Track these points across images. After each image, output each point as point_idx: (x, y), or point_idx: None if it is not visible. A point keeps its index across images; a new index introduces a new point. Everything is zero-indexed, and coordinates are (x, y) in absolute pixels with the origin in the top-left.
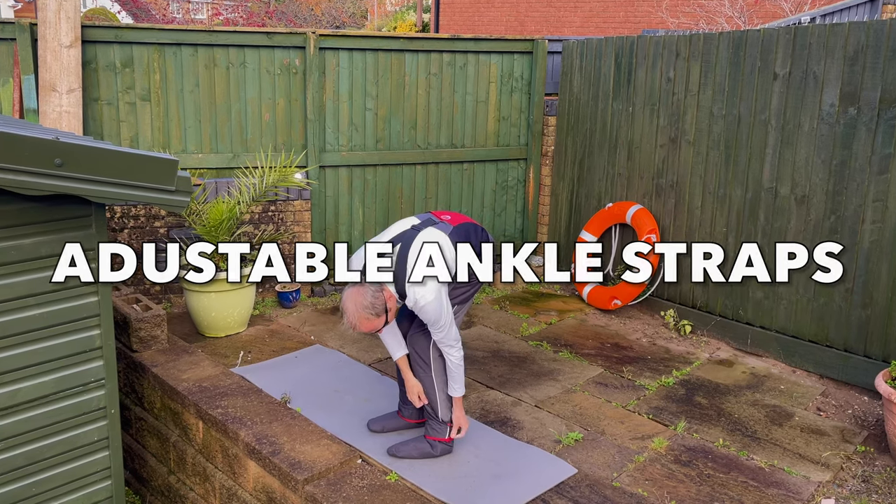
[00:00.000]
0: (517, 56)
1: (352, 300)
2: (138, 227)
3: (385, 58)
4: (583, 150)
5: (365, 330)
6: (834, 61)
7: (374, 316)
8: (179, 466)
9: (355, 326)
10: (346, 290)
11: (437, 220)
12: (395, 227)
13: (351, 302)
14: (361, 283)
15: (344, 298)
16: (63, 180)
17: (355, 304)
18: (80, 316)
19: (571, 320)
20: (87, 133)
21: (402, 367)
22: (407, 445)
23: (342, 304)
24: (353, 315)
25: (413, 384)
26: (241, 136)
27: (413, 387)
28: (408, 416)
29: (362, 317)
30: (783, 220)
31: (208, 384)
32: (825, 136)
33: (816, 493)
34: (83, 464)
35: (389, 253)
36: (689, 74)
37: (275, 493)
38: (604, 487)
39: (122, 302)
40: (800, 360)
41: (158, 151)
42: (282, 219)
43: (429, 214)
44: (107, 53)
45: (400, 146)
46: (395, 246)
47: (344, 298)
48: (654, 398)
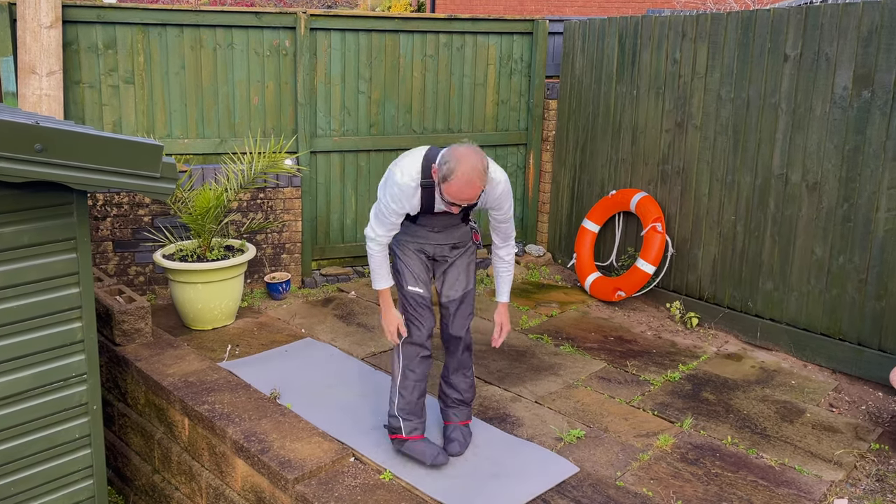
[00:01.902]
0: (517, 37)
1: (472, 152)
2: (121, 216)
3: (379, 39)
4: (585, 134)
5: (468, 196)
6: (847, 42)
7: (483, 184)
8: (164, 465)
9: (469, 184)
10: (459, 146)
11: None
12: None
13: (472, 153)
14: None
15: (455, 150)
16: (43, 166)
17: (477, 160)
18: (61, 308)
19: (573, 312)
20: (69, 117)
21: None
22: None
23: (449, 156)
24: (471, 171)
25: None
26: (228, 120)
27: (393, 319)
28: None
29: (480, 178)
30: (794, 208)
31: (194, 379)
32: (838, 121)
33: (829, 493)
34: (64, 462)
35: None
36: (695, 56)
37: (264, 493)
38: (607, 487)
39: (104, 293)
40: (811, 353)
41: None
42: (271, 207)
43: None
44: (89, 34)
45: (394, 131)
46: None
47: (455, 150)
48: (660, 394)
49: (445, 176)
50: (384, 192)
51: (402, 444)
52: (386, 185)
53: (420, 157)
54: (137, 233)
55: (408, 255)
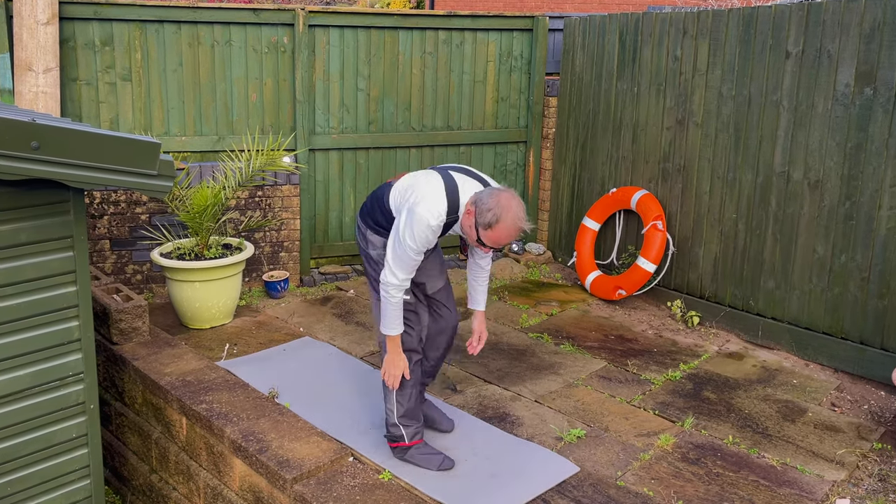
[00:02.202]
0: (516, 34)
1: (515, 201)
2: (119, 214)
3: (378, 35)
4: (585, 132)
5: (508, 242)
6: (849, 39)
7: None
8: (162, 465)
9: (512, 233)
10: (501, 192)
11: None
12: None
13: (515, 202)
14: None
15: (499, 198)
16: (40, 164)
17: (520, 208)
18: (58, 306)
19: (573, 311)
20: (65, 114)
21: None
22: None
23: (494, 204)
24: (515, 220)
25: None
26: (226, 117)
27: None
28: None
29: (522, 226)
30: (796, 206)
31: (192, 378)
32: (840, 118)
33: (831, 493)
34: (61, 462)
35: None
36: (696, 53)
37: (262, 493)
38: (608, 487)
39: (101, 292)
40: (813, 352)
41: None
42: (269, 205)
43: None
44: (86, 31)
45: (393, 128)
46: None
47: (499, 198)
48: (661, 393)
49: (490, 223)
50: (405, 234)
51: (406, 453)
52: (408, 228)
53: (441, 193)
54: (135, 231)
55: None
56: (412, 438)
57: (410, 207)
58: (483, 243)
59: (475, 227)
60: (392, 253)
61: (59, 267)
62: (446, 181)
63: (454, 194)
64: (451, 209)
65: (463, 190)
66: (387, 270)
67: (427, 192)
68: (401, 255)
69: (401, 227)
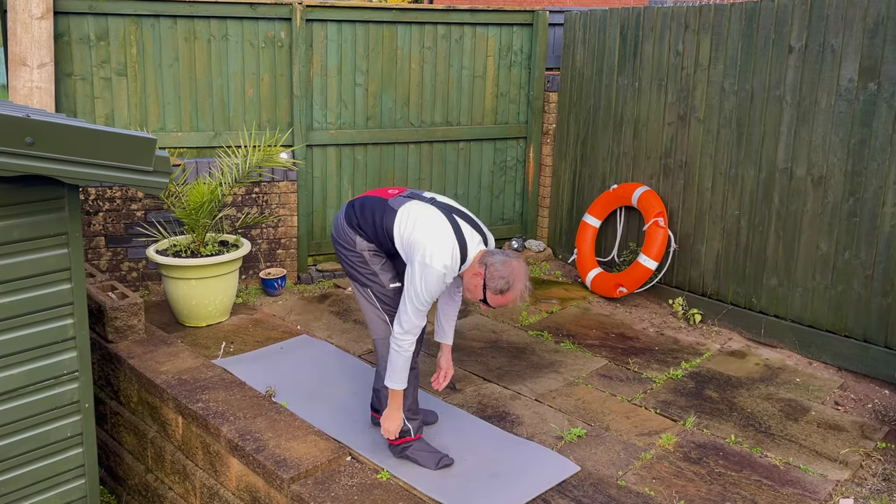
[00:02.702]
0: (516, 28)
1: (524, 270)
2: (114, 210)
3: (376, 30)
4: (586, 128)
5: (509, 306)
6: (853, 33)
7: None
8: (157, 464)
9: (519, 299)
10: (512, 260)
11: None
12: (425, 210)
13: (524, 272)
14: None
15: (511, 267)
16: (34, 160)
17: (526, 276)
18: (53, 304)
19: (574, 309)
20: (60, 110)
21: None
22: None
23: (506, 272)
24: (523, 289)
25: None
26: (223, 113)
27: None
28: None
29: (528, 293)
30: (799, 203)
31: (188, 377)
32: (843, 114)
33: (834, 493)
34: (55, 461)
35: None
36: (698, 48)
37: (259, 493)
38: (608, 486)
39: (96, 289)
40: (816, 351)
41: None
42: (266, 201)
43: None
44: (80, 25)
45: (392, 124)
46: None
47: (511, 267)
48: (662, 392)
49: (501, 290)
50: (420, 287)
51: (407, 449)
52: (423, 282)
53: (451, 241)
54: (130, 228)
55: (379, 262)
56: (417, 431)
57: (425, 262)
58: (487, 303)
59: (483, 288)
60: (409, 305)
61: (54, 264)
62: (456, 233)
63: (464, 250)
64: (462, 258)
65: (470, 242)
66: (405, 322)
67: (430, 241)
68: (418, 305)
69: (417, 281)
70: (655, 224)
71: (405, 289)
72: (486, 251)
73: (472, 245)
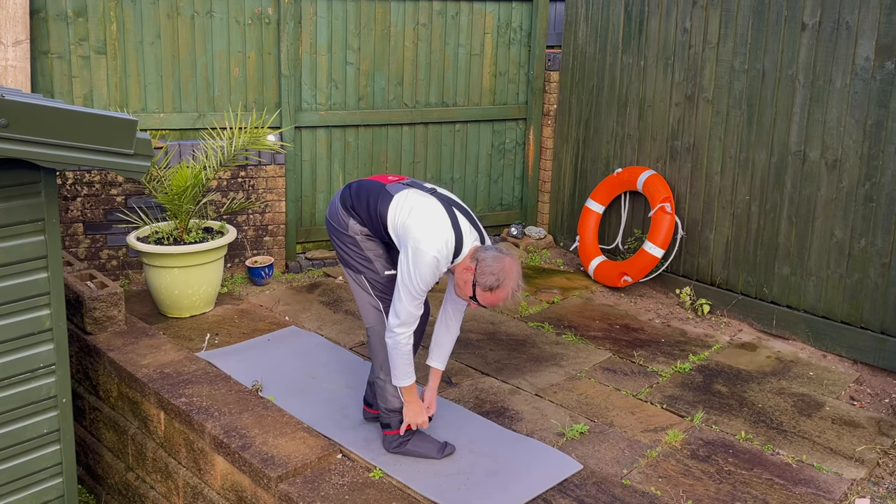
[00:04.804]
0: (515, 4)
1: (516, 268)
2: (93, 196)
3: (368, 6)
4: (589, 108)
5: (499, 305)
6: (869, 10)
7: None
8: (139, 462)
9: (510, 298)
10: (504, 257)
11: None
12: (424, 200)
13: (516, 270)
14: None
15: (503, 264)
16: (8, 143)
17: (519, 274)
18: (28, 294)
19: (576, 299)
20: (36, 90)
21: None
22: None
23: (498, 269)
24: (515, 288)
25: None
26: (207, 93)
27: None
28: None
29: (519, 292)
30: (812, 188)
31: (171, 370)
32: (859, 94)
33: (850, 492)
34: (31, 459)
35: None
36: (707, 24)
37: (245, 492)
38: (612, 485)
39: (74, 279)
40: (831, 343)
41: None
42: (253, 186)
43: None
44: (58, 1)
45: (385, 105)
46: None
47: (503, 264)
48: (669, 386)
49: (491, 287)
50: (412, 273)
51: (405, 444)
52: (414, 267)
53: (447, 230)
54: (110, 214)
55: (373, 247)
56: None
57: (419, 247)
58: (476, 300)
59: (473, 284)
60: (404, 295)
61: (30, 252)
62: (453, 225)
63: (459, 242)
64: (457, 250)
65: (466, 236)
66: (400, 313)
67: (424, 226)
68: (413, 292)
69: (409, 266)
70: (662, 210)
71: (399, 275)
72: (479, 246)
73: (467, 239)
